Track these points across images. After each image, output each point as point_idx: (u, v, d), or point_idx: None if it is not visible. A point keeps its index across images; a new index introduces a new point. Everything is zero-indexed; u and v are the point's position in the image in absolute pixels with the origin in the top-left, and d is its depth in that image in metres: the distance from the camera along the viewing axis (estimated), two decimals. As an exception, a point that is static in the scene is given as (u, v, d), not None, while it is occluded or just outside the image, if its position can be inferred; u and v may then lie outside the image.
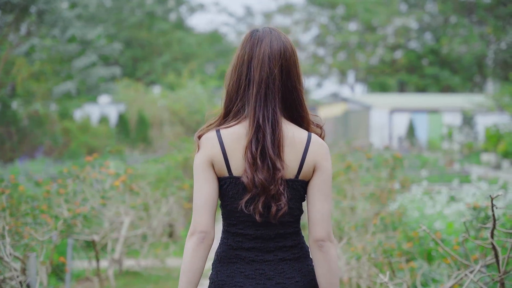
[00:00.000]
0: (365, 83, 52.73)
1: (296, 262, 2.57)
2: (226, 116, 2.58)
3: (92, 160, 5.30)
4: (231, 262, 2.55)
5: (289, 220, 2.55)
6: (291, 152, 2.51)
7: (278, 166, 2.46)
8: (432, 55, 47.32)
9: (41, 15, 19.36)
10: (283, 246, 2.55)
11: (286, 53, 2.55)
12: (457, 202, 7.55)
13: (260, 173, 2.44)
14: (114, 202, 6.44)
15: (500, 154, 21.34)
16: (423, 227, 3.13)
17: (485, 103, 28.05)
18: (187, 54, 45.39)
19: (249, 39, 2.58)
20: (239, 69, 2.55)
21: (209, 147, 2.50)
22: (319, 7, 51.20)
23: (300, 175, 2.52)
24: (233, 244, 2.56)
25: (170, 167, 9.41)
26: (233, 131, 2.51)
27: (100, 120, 28.68)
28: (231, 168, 2.49)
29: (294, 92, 2.57)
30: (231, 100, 2.56)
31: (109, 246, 7.10)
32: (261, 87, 2.50)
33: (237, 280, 2.53)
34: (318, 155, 2.53)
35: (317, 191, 2.53)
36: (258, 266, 2.53)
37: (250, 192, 2.46)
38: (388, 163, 7.20)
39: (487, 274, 3.40)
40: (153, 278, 7.82)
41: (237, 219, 2.53)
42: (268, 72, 2.50)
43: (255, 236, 2.53)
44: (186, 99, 28.53)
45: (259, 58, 2.52)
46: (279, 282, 2.52)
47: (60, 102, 23.03)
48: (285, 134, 2.51)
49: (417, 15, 48.06)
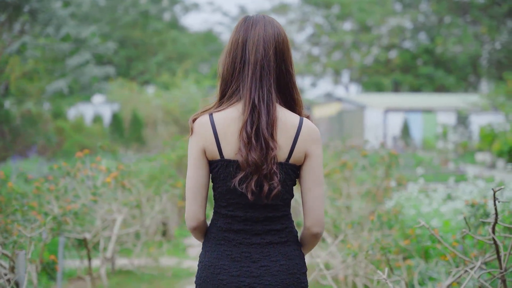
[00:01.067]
0: (360, 83, 52.72)
1: (283, 246, 2.60)
2: (221, 99, 2.63)
3: (83, 156, 5.20)
4: (219, 244, 2.61)
5: (278, 203, 2.59)
6: (283, 135, 2.55)
7: (272, 145, 2.50)
8: (426, 55, 47.37)
9: (34, 13, 19.25)
10: (270, 229, 2.59)
11: (279, 37, 2.61)
12: (454, 200, 7.47)
13: (253, 152, 2.49)
14: (106, 199, 6.33)
15: (495, 153, 21.31)
16: (422, 222, 3.04)
17: (480, 102, 28.06)
18: (181, 53, 45.31)
19: (243, 24, 2.64)
20: (233, 52, 2.61)
21: (201, 132, 2.56)
22: (313, 7, 51.18)
23: (290, 159, 2.56)
24: (223, 225, 2.61)
25: (164, 165, 9.31)
26: (226, 114, 2.56)
27: (94, 119, 28.57)
28: (222, 151, 2.55)
29: (287, 75, 2.63)
30: (226, 83, 2.62)
31: (101, 244, 7.00)
32: (256, 68, 2.56)
33: (223, 263, 2.58)
34: (309, 140, 2.57)
35: (309, 177, 2.58)
36: (245, 249, 2.58)
37: (244, 171, 2.51)
38: (384, 160, 7.12)
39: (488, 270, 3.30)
40: (146, 277, 7.73)
41: (227, 201, 2.59)
42: (263, 54, 2.56)
43: (245, 218, 2.58)
44: (180, 99, 28.42)
45: (254, 40, 2.58)
46: (263, 265, 2.56)
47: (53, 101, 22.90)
48: (278, 116, 2.55)
49: (411, 15, 48.11)
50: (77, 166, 5.25)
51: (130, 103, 29.53)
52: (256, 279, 2.55)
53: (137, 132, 27.53)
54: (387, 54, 49.08)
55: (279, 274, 2.56)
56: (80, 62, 21.71)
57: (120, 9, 44.46)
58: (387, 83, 48.42)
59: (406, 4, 49.55)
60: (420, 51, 47.78)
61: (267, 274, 2.56)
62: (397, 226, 6.30)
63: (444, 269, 5.03)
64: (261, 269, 2.56)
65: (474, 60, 46.31)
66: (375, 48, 49.57)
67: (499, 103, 26.07)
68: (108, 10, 44.10)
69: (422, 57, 47.68)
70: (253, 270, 2.55)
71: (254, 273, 2.56)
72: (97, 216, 6.65)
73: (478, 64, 47.04)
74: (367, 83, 50.09)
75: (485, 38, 46.08)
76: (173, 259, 8.62)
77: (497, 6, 43.77)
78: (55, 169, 5.02)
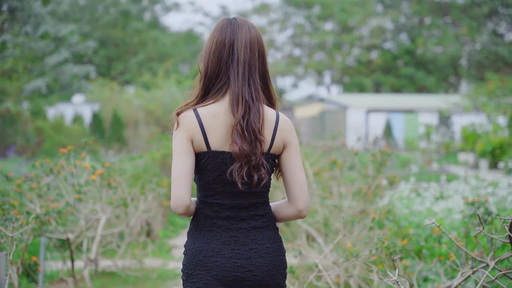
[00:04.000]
0: (341, 84, 52.70)
1: (266, 230, 2.82)
2: (204, 95, 2.81)
3: (67, 153, 4.96)
4: (208, 230, 2.78)
5: (262, 190, 2.80)
6: (266, 128, 2.77)
7: (261, 138, 2.72)
8: (407, 56, 47.47)
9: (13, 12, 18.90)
10: (255, 214, 2.80)
11: (260, 40, 2.84)
12: (446, 199, 7.34)
13: (245, 144, 2.69)
14: (90, 198, 6.09)
15: (478, 153, 21.32)
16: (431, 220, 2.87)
17: (461, 103, 28.10)
18: (162, 53, 44.98)
19: (228, 25, 2.82)
20: (219, 52, 2.78)
21: (187, 125, 2.73)
22: (295, 7, 51.07)
23: (271, 149, 2.79)
24: (210, 213, 2.78)
25: (148, 164, 9.09)
26: (211, 109, 2.75)
27: (74, 119, 28.26)
28: (209, 143, 2.72)
29: (266, 76, 2.85)
30: (211, 80, 2.79)
31: (84, 245, 6.77)
32: (245, 67, 2.76)
33: (214, 246, 2.75)
34: (286, 131, 2.81)
35: (292, 165, 2.82)
36: (233, 234, 2.76)
37: (239, 161, 2.70)
38: (375, 159, 6.95)
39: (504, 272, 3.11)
40: (130, 279, 7.51)
41: (214, 190, 2.76)
42: (250, 54, 2.78)
43: (231, 206, 2.77)
44: (161, 99, 28.17)
45: (242, 41, 2.78)
46: (252, 248, 2.76)
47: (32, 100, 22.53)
48: (264, 112, 2.78)
49: (392, 15, 48.16)
50: (60, 163, 5.01)
51: (111, 103, 29.26)
52: (247, 261, 2.74)
53: (118, 132, 27.28)
54: (368, 54, 49.11)
55: (266, 256, 2.78)
56: (59, 61, 21.37)
57: (100, 9, 44.06)
58: (368, 83, 48.44)
59: (387, 5, 49.62)
60: (401, 51, 47.87)
61: (256, 256, 2.76)
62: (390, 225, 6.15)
63: (443, 269, 4.86)
64: (251, 252, 2.75)
65: (455, 61, 46.46)
66: (357, 49, 49.58)
67: (480, 103, 26.11)
68: (88, 9, 43.68)
69: (403, 57, 47.77)
70: (243, 252, 2.75)
71: (244, 255, 2.75)
72: (80, 216, 6.41)
73: (458, 65, 47.20)
74: (349, 84, 50.09)
75: (466, 39, 46.24)
76: (158, 260, 8.40)
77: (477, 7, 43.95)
78: (37, 167, 4.77)
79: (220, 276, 2.73)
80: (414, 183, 8.08)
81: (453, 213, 6.71)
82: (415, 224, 6.30)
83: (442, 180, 10.03)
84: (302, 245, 6.88)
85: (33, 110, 23.44)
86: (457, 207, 6.84)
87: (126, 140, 27.47)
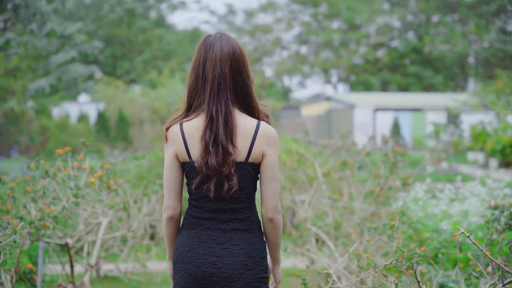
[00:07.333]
0: (348, 82, 52.37)
1: (245, 233, 2.99)
2: (188, 110, 3.03)
3: (64, 153, 4.68)
4: (190, 228, 3.02)
5: (240, 196, 2.98)
6: (243, 139, 2.94)
7: (230, 151, 2.90)
8: (414, 54, 47.13)
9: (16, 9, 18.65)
10: (235, 218, 2.99)
11: (235, 55, 2.99)
12: (461, 201, 7.03)
13: (213, 158, 2.89)
14: (89, 201, 5.82)
15: (488, 152, 20.98)
16: (461, 230, 2.61)
17: (469, 101, 27.73)
18: (168, 52, 44.76)
19: (203, 44, 3.02)
20: (196, 70, 3.00)
21: (174, 138, 2.99)
22: (301, 5, 50.76)
23: (249, 158, 2.96)
24: (194, 214, 3.03)
25: (152, 164, 8.81)
26: (193, 123, 2.98)
27: (79, 118, 28.06)
28: (190, 154, 2.97)
29: (244, 87, 3.00)
30: (191, 97, 3.02)
31: (85, 249, 6.50)
32: (214, 84, 2.94)
33: (192, 243, 2.99)
34: (265, 141, 2.96)
35: (266, 173, 2.98)
36: (212, 233, 2.98)
37: (201, 174, 2.93)
38: (388, 158, 6.66)
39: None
40: (134, 283, 7.26)
41: (197, 195, 3.01)
42: (219, 71, 2.94)
43: (212, 209, 2.99)
44: (166, 98, 27.94)
45: (211, 60, 2.96)
46: (226, 247, 2.96)
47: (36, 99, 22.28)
48: (237, 123, 2.94)
49: (399, 13, 47.81)
50: (57, 165, 4.73)
51: (116, 102, 29.07)
52: (218, 259, 2.94)
53: (123, 131, 27.10)
54: (375, 53, 48.77)
55: (238, 256, 2.95)
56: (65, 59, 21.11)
57: (106, 7, 43.88)
58: (375, 82, 48.09)
59: (394, 3, 49.28)
60: (408, 50, 47.53)
61: (228, 255, 2.95)
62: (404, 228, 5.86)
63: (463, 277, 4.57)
64: (223, 251, 2.95)
65: (462, 59, 46.08)
66: (363, 47, 49.24)
67: (489, 101, 25.73)
68: (94, 7, 43.51)
69: (410, 56, 47.42)
70: (216, 251, 2.96)
71: (217, 253, 2.95)
72: (80, 219, 6.14)
73: (466, 64, 46.81)
74: (355, 82, 49.75)
75: (473, 37, 45.83)
76: (162, 264, 8.13)
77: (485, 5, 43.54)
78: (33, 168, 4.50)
79: (191, 270, 2.96)
80: (430, 184, 7.77)
81: (469, 216, 6.41)
82: (430, 227, 6.00)
83: (457, 181, 9.69)
84: (312, 249, 6.60)
85: (38, 109, 23.20)
86: (473, 209, 6.55)
87: (131, 139, 27.28)
